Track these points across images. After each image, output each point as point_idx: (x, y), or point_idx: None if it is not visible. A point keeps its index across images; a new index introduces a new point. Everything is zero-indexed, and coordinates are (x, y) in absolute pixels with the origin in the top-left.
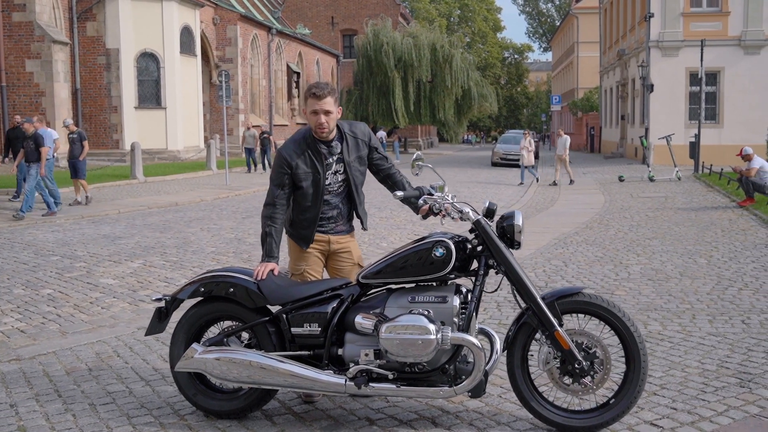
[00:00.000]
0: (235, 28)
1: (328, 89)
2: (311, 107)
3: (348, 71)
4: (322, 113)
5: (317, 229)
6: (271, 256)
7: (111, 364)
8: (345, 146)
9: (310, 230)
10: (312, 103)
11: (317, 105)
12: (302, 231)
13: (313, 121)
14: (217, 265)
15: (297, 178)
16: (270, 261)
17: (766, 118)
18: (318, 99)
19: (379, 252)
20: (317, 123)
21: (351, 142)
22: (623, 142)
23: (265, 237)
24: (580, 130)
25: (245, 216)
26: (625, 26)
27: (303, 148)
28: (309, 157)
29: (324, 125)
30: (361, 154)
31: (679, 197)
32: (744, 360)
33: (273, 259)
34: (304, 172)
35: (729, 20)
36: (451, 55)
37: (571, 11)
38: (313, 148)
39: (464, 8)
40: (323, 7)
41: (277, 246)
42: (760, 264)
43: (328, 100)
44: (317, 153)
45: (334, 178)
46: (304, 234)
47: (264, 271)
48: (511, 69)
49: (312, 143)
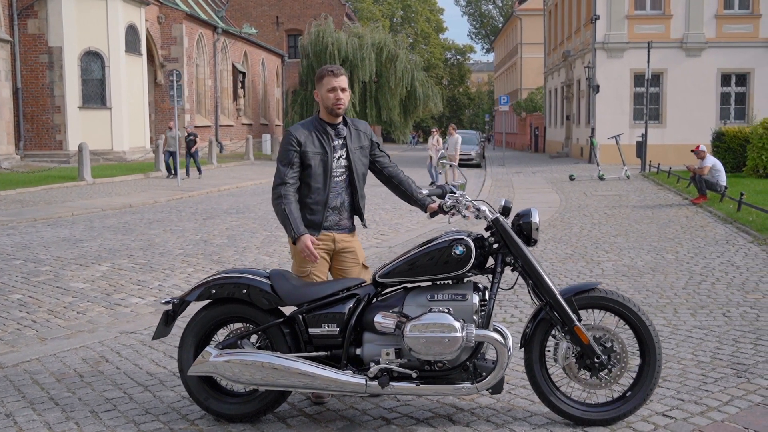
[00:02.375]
0: (180, 27)
1: (342, 70)
2: (328, 85)
3: (293, 71)
4: (340, 90)
5: (323, 223)
6: (300, 230)
7: (101, 370)
8: (349, 134)
9: (319, 215)
10: (329, 80)
11: (335, 82)
12: (311, 216)
13: (330, 98)
14: (188, 267)
15: (305, 157)
16: (303, 235)
17: (707, 119)
18: (336, 76)
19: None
20: (335, 99)
21: (354, 133)
22: (568, 141)
23: (285, 216)
24: (524, 131)
25: (206, 217)
26: (570, 28)
27: (310, 128)
28: (316, 137)
29: (342, 100)
30: (363, 145)
31: (632, 195)
32: (734, 351)
33: (305, 233)
34: (312, 152)
35: (671, 23)
36: (396, 56)
37: (515, 13)
38: (320, 129)
39: (407, 9)
40: (268, 7)
41: (300, 220)
42: (726, 259)
43: (343, 78)
44: (325, 133)
45: (338, 163)
46: (313, 219)
47: (309, 246)
48: (453, 70)
49: (319, 125)
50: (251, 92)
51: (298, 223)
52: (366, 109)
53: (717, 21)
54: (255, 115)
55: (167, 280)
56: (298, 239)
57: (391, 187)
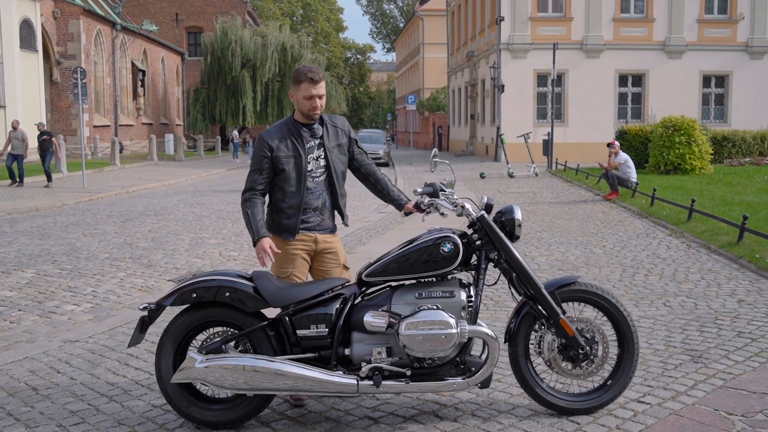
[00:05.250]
0: (77, 22)
1: (321, 74)
2: (307, 91)
3: (194, 70)
4: (317, 98)
5: (304, 225)
6: (260, 233)
7: (56, 382)
8: (325, 132)
9: (294, 219)
10: (307, 87)
11: (314, 89)
12: (286, 221)
13: (307, 105)
14: (119, 271)
15: (278, 162)
16: (263, 238)
17: (606, 118)
18: (315, 84)
19: None
20: (311, 106)
21: (331, 131)
22: (473, 140)
23: (248, 219)
24: (427, 130)
25: (124, 220)
26: (474, 29)
27: (284, 131)
28: (290, 140)
29: (318, 108)
30: (341, 143)
31: (545, 192)
32: (684, 339)
33: (265, 235)
34: (286, 156)
35: (572, 25)
36: (300, 55)
37: (417, 13)
38: (294, 131)
39: (307, 8)
40: (167, 3)
41: (263, 223)
42: (651, 251)
43: (322, 84)
44: (298, 136)
45: (316, 164)
46: (288, 224)
47: (266, 249)
48: (353, 69)
49: (293, 127)
50: (151, 91)
51: (259, 227)
52: (267, 109)
53: (614, 24)
54: (155, 114)
55: (100, 286)
56: (258, 241)
57: (367, 185)
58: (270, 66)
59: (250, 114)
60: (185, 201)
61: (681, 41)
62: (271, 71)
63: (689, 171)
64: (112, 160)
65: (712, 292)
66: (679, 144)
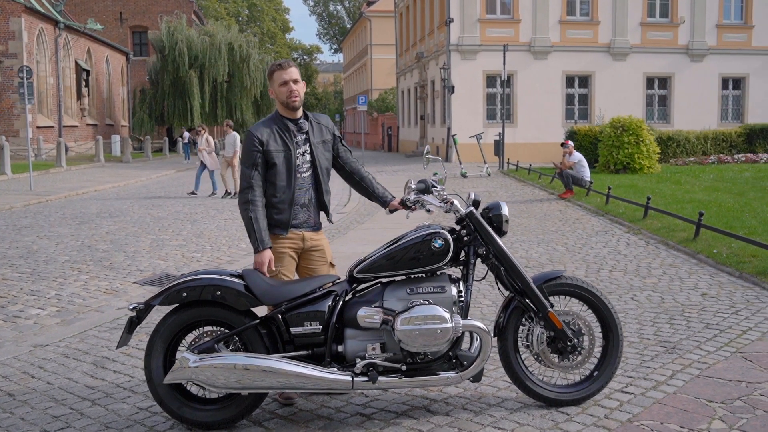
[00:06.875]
0: (19, 20)
1: (290, 61)
2: (279, 79)
3: (139, 70)
4: (291, 82)
5: (292, 222)
6: (265, 244)
7: (32, 387)
8: (311, 128)
9: (286, 214)
10: (279, 75)
11: (285, 75)
12: (278, 216)
13: (284, 92)
14: (81, 274)
15: (269, 156)
16: (265, 249)
17: (554, 118)
18: (284, 69)
19: None
20: (288, 92)
21: (316, 128)
22: (423, 141)
23: (251, 224)
24: (376, 130)
25: (79, 222)
26: (423, 30)
27: (271, 126)
28: (278, 134)
29: (295, 92)
30: (325, 139)
31: (500, 192)
32: (656, 331)
33: (268, 247)
34: (275, 150)
35: (520, 27)
36: (248, 55)
37: (364, 14)
38: (282, 125)
39: (252, 8)
40: (110, 2)
41: (266, 231)
42: (612, 248)
43: (293, 69)
44: (286, 130)
45: (303, 159)
46: (280, 219)
47: (266, 262)
48: (300, 70)
49: (280, 121)
50: (96, 91)
51: (263, 236)
52: (217, 109)
53: (561, 26)
54: (100, 115)
55: (63, 289)
56: (261, 252)
57: (352, 183)
58: (218, 65)
59: (198, 115)
60: (139, 203)
61: (625, 44)
62: (219, 71)
63: (638, 170)
64: (57, 162)
65: (675, 286)
66: (628, 144)
